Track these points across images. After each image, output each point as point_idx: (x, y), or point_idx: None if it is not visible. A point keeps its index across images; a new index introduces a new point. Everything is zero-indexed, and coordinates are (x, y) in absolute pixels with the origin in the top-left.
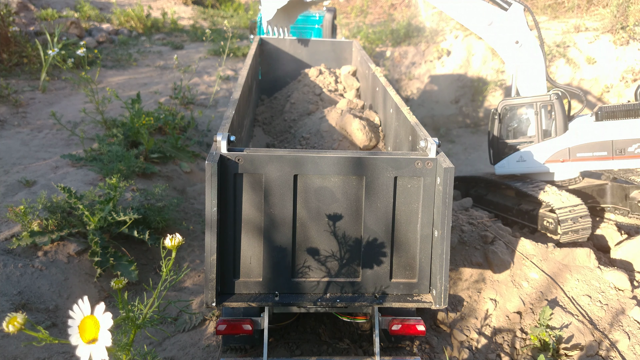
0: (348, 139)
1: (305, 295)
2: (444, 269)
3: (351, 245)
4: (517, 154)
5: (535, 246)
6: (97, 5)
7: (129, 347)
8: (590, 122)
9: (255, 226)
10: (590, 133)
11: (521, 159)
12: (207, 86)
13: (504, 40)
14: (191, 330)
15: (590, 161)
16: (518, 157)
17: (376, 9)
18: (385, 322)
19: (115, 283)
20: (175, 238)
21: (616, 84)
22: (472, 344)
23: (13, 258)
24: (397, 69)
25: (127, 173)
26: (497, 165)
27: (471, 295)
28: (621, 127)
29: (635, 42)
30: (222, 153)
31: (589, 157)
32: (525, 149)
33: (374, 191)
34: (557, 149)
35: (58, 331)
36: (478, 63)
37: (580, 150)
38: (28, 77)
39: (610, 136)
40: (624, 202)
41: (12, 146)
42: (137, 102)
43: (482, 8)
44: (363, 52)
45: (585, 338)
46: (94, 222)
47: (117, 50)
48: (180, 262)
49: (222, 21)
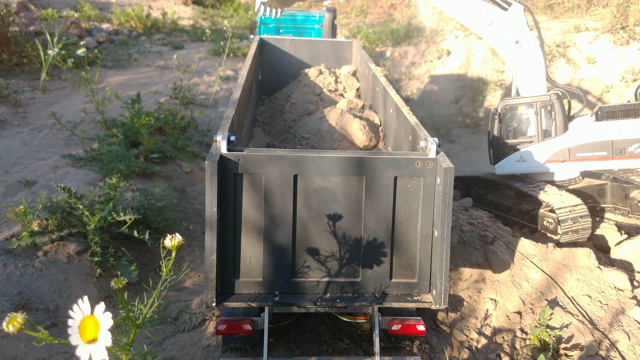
0: (348, 139)
1: (305, 295)
2: (444, 269)
3: (351, 245)
4: (517, 153)
5: (535, 246)
6: (97, 5)
7: (129, 347)
8: (590, 122)
9: (255, 226)
10: (590, 133)
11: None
12: (207, 86)
13: (504, 40)
14: (191, 330)
15: (590, 161)
16: (518, 157)
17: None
18: (385, 322)
19: (115, 283)
20: (175, 238)
21: (616, 84)
22: (472, 344)
23: (13, 258)
24: (397, 69)
25: (127, 173)
26: (497, 165)
27: (471, 295)
28: (621, 127)
29: (635, 42)
30: (222, 153)
31: (589, 157)
32: (525, 149)
33: (374, 191)
34: (557, 149)
35: (58, 331)
36: (478, 63)
37: (580, 150)
38: (28, 77)
39: (610, 136)
40: (624, 202)
41: (12, 146)
42: (137, 102)
43: (482, 8)
44: (363, 52)
45: (585, 338)
46: (94, 222)
47: (117, 50)
48: (180, 262)
49: (222, 21)
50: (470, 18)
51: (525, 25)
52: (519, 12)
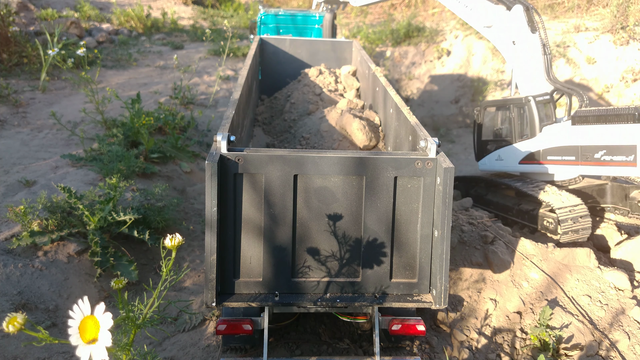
0: (348, 139)
1: (305, 295)
2: (444, 269)
3: (351, 245)
4: (496, 152)
5: (535, 246)
6: (97, 5)
7: (129, 347)
8: (566, 126)
9: (255, 226)
10: (563, 137)
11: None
12: (207, 86)
13: (504, 40)
14: (191, 330)
15: (559, 165)
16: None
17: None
18: (385, 322)
19: (115, 283)
20: (175, 238)
21: (616, 83)
22: (472, 344)
23: (13, 258)
24: (397, 69)
25: (127, 173)
26: (480, 162)
27: (471, 295)
28: (591, 132)
29: (635, 42)
30: (222, 153)
31: (558, 161)
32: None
33: (374, 191)
34: (530, 150)
35: (58, 331)
36: (478, 63)
37: (551, 154)
38: (28, 77)
39: (579, 141)
40: (624, 202)
41: (12, 146)
42: (137, 102)
43: (484, 7)
44: (363, 52)
45: (585, 338)
46: (94, 222)
47: (117, 50)
48: (180, 262)
49: (222, 21)
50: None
51: (525, 26)
52: (519, 13)
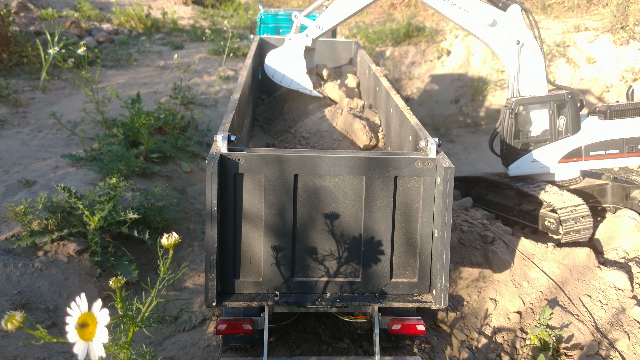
0: (348, 138)
1: (305, 294)
2: (444, 268)
3: (351, 244)
4: (531, 154)
5: (535, 246)
6: (97, 5)
7: (128, 346)
8: (600, 121)
9: (255, 226)
10: (604, 131)
11: (535, 159)
12: (207, 86)
13: (504, 40)
14: (191, 330)
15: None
16: (532, 158)
17: (376, 9)
18: (385, 321)
19: (114, 282)
20: (172, 237)
21: (616, 83)
22: (472, 344)
23: (13, 258)
24: (397, 69)
25: (127, 173)
26: (512, 166)
27: (471, 295)
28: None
29: (635, 42)
30: (222, 153)
31: (602, 156)
32: (539, 148)
33: (374, 191)
34: (572, 147)
35: (58, 331)
36: (478, 63)
37: (594, 149)
38: (28, 77)
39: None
40: (625, 202)
41: (12, 146)
42: (137, 102)
43: (481, 9)
44: (363, 51)
45: (585, 338)
46: (94, 222)
47: (117, 50)
48: (180, 262)
49: (222, 21)
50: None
51: (525, 25)
52: (517, 12)
